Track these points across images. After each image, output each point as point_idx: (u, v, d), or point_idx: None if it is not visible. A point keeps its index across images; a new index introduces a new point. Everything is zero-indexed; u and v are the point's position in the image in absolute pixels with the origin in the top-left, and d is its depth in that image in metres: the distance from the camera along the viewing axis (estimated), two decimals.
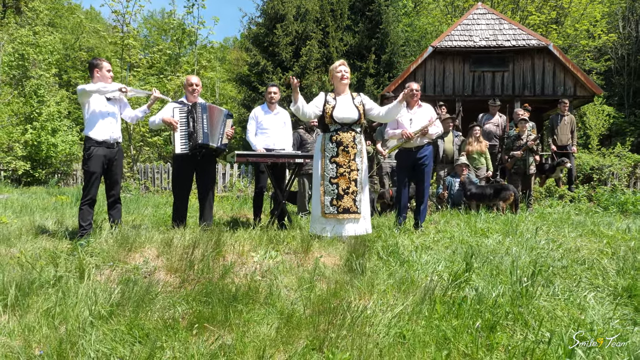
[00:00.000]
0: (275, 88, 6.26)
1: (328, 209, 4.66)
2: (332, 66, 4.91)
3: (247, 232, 4.42)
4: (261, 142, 6.16)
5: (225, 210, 8.90)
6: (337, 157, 4.70)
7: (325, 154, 4.73)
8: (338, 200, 4.64)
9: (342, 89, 4.87)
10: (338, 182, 4.67)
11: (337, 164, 4.69)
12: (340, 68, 4.84)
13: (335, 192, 4.66)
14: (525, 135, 8.49)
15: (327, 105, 4.76)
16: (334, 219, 4.66)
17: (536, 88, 11.65)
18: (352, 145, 4.72)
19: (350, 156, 4.71)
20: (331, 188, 4.67)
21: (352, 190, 4.69)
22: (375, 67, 21.32)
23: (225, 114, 5.26)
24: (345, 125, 4.73)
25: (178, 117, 5.09)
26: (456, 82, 11.76)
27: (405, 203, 5.91)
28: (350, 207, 4.66)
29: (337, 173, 4.68)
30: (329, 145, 4.73)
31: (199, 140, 4.98)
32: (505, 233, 5.22)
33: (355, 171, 4.72)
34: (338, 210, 4.64)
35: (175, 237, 3.76)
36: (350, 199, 4.67)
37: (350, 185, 4.68)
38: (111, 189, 4.85)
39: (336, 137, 4.71)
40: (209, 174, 5.29)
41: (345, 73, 4.84)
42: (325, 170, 4.70)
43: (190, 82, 5.29)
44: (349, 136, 4.72)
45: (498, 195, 6.86)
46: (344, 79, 4.83)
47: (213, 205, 5.41)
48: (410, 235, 5.16)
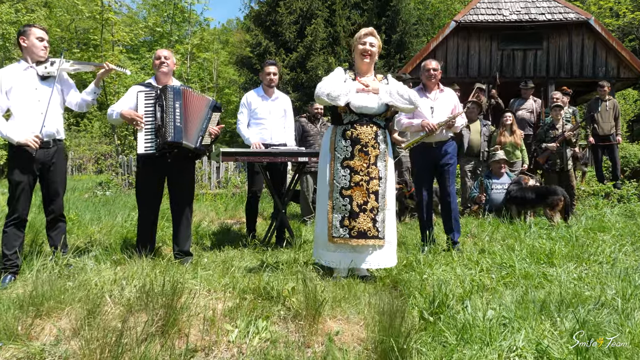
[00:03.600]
0: (274, 67, 4.97)
1: (337, 231, 3.36)
2: (357, 34, 3.60)
3: (227, 271, 3.17)
4: (255, 135, 4.89)
5: (218, 211, 7.66)
6: (351, 160, 3.39)
7: (336, 154, 3.42)
8: (351, 220, 3.34)
9: (365, 69, 3.56)
10: (352, 194, 3.36)
11: (352, 169, 3.38)
12: (367, 39, 3.51)
13: (347, 208, 3.36)
14: (560, 125, 7.16)
15: None
16: (346, 246, 3.39)
17: (574, 69, 10.25)
18: (373, 144, 3.41)
19: (370, 159, 3.40)
20: (342, 202, 3.36)
21: (371, 207, 3.38)
22: (386, 47, 19.91)
23: (209, 105, 3.98)
24: (365, 117, 3.43)
25: (143, 105, 3.82)
26: (482, 62, 10.37)
27: (430, 214, 4.65)
28: (368, 230, 3.36)
29: (350, 182, 3.37)
30: (341, 143, 3.42)
31: (168, 138, 3.71)
32: (574, 258, 3.94)
33: (376, 180, 3.41)
34: (351, 233, 3.34)
35: (113, 291, 2.51)
36: (369, 218, 3.37)
37: (368, 200, 3.37)
38: (50, 202, 3.60)
39: (351, 132, 3.40)
40: (185, 180, 4.02)
41: (370, 47, 3.50)
42: (336, 177, 3.41)
43: (158, 54, 4.00)
44: (370, 131, 3.41)
45: (544, 201, 5.56)
46: (367, 56, 3.50)
47: (191, 221, 4.16)
48: (449, 260, 3.90)
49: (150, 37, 24.62)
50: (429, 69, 4.52)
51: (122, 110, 3.80)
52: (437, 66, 4.54)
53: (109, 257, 3.59)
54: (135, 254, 3.60)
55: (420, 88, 4.62)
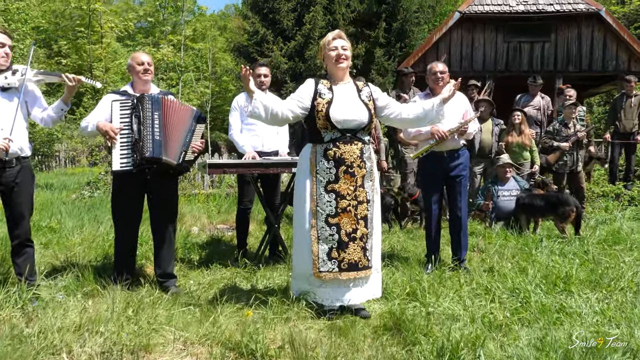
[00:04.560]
0: (265, 69, 4.58)
1: (325, 264, 2.97)
2: (323, 40, 3.14)
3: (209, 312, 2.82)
4: (246, 143, 4.53)
5: (211, 214, 7.31)
6: (336, 184, 2.98)
7: (318, 177, 3.01)
8: (340, 251, 2.96)
9: (341, 75, 3.13)
10: (340, 222, 2.97)
11: (338, 193, 2.98)
12: (336, 42, 3.06)
13: (335, 238, 2.97)
14: (571, 124, 6.79)
15: (319, 99, 3.04)
16: (334, 281, 3.01)
17: (582, 62, 9.83)
18: (359, 163, 3.02)
19: (356, 181, 3.00)
20: (329, 232, 2.96)
21: (360, 234, 3.00)
22: (386, 36, 19.43)
23: (193, 116, 3.59)
24: (349, 133, 3.02)
25: (118, 115, 3.45)
26: (487, 55, 9.94)
27: (438, 232, 4.30)
28: (359, 261, 2.98)
29: (337, 208, 2.98)
30: (323, 164, 3.00)
31: (146, 153, 3.35)
32: (592, 283, 3.61)
33: (364, 204, 3.03)
34: (341, 266, 2.96)
35: (73, 346, 2.17)
36: (359, 247, 2.99)
37: (357, 227, 2.99)
38: (15, 226, 3.24)
39: (334, 152, 2.99)
40: (167, 197, 3.66)
41: (342, 50, 3.05)
42: (320, 203, 3.01)
43: (140, 60, 3.60)
44: (355, 150, 3.01)
45: (554, 210, 5.19)
46: (342, 60, 3.06)
47: (174, 241, 3.80)
48: (456, 285, 3.57)
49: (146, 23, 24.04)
50: (435, 72, 4.14)
51: (98, 122, 3.42)
52: (444, 68, 4.16)
53: (81, 288, 3.24)
54: (110, 284, 3.27)
55: (427, 93, 4.25)
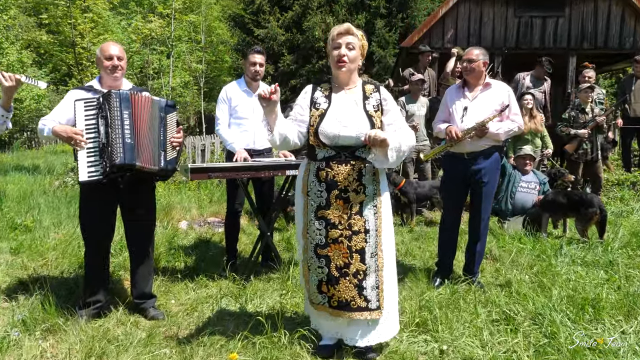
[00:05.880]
0: (260, 57, 4.06)
1: (316, 296, 2.56)
2: (330, 34, 2.55)
3: None
4: (235, 140, 4.05)
5: (202, 203, 6.86)
6: (327, 210, 2.49)
7: (309, 200, 2.52)
8: (330, 286, 2.51)
9: (344, 79, 2.56)
10: (329, 254, 2.50)
11: (328, 221, 2.49)
12: (341, 39, 2.47)
13: (324, 271, 2.52)
14: (589, 108, 6.29)
15: (313, 110, 2.53)
16: (327, 315, 2.59)
17: (598, 39, 9.20)
18: (355, 187, 2.48)
19: (351, 207, 2.49)
20: (317, 264, 2.52)
21: (354, 270, 2.49)
22: (387, 6, 18.66)
23: (159, 107, 3.07)
24: (344, 151, 2.50)
25: (83, 117, 2.95)
26: (496, 31, 9.30)
27: (450, 243, 3.86)
28: (351, 300, 2.49)
29: (327, 238, 2.50)
30: (314, 185, 2.51)
31: (116, 160, 2.87)
32: (625, 308, 3.19)
33: (361, 234, 2.50)
34: (330, 302, 2.52)
35: None
36: (352, 285, 2.49)
37: (350, 262, 2.49)
38: None
39: (326, 173, 2.48)
40: (143, 207, 3.19)
41: (346, 50, 2.46)
42: (309, 230, 2.53)
43: (108, 53, 3.07)
44: (350, 171, 2.48)
45: (576, 210, 4.74)
46: (342, 64, 2.48)
47: (152, 256, 3.35)
48: (471, 309, 3.16)
49: None
50: (464, 61, 3.60)
51: (54, 126, 2.93)
52: (477, 56, 3.55)
53: (41, 323, 2.80)
54: (75, 316, 2.84)
55: (459, 85, 3.73)
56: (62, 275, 3.89)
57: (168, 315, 3.19)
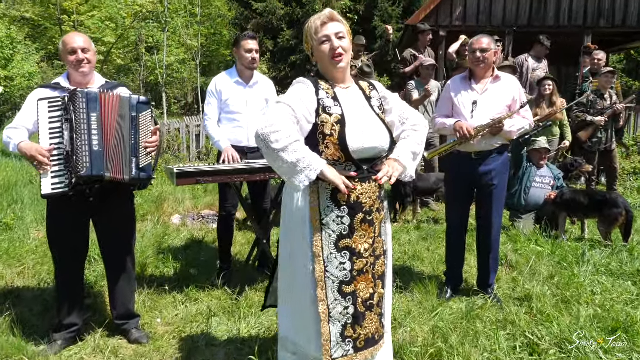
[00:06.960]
0: (254, 42, 3.64)
1: (339, 349, 2.07)
2: (308, 25, 2.07)
3: None
4: (222, 137, 3.66)
5: (196, 194, 6.51)
6: (350, 238, 2.06)
7: (325, 231, 2.04)
8: (357, 327, 2.09)
9: (342, 76, 2.12)
10: (356, 288, 2.08)
11: (353, 251, 2.06)
12: (327, 30, 2.02)
13: (350, 311, 2.07)
14: (607, 95, 5.87)
15: (323, 115, 2.01)
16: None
17: (616, 17, 8.69)
18: (378, 206, 2.12)
19: (375, 230, 2.12)
20: (343, 305, 2.07)
21: (378, 299, 2.14)
22: None
23: (129, 105, 2.65)
24: (365, 165, 2.07)
25: (47, 120, 2.57)
26: (508, 8, 8.75)
27: (461, 256, 3.52)
28: (376, 332, 2.14)
29: (353, 271, 2.06)
30: (332, 211, 2.04)
31: (82, 171, 2.51)
32: None
33: (382, 257, 2.17)
34: (357, 345, 2.09)
35: None
36: (376, 315, 2.13)
37: (375, 290, 2.13)
38: None
39: (349, 194, 2.03)
40: (119, 220, 2.83)
41: (338, 41, 2.02)
42: (330, 267, 2.04)
43: (71, 47, 2.64)
44: (374, 189, 2.09)
45: (599, 211, 4.37)
46: (340, 57, 2.03)
47: (133, 273, 3.00)
48: (490, 328, 2.83)
49: None
50: (475, 51, 3.19)
51: (21, 143, 2.56)
52: (488, 45, 3.17)
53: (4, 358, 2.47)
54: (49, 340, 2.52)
55: (464, 76, 3.32)
56: (40, 285, 3.57)
57: (153, 338, 2.88)
